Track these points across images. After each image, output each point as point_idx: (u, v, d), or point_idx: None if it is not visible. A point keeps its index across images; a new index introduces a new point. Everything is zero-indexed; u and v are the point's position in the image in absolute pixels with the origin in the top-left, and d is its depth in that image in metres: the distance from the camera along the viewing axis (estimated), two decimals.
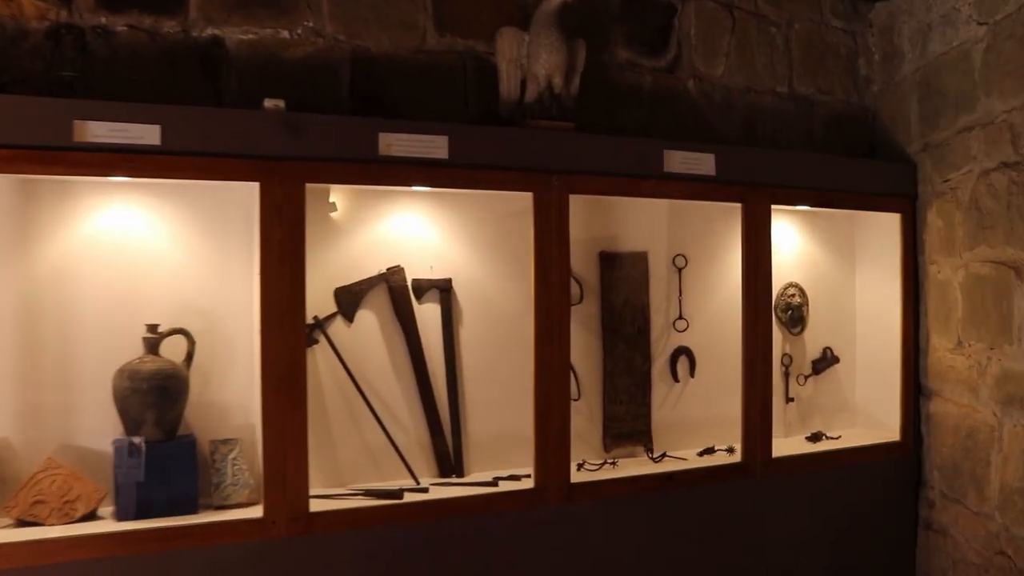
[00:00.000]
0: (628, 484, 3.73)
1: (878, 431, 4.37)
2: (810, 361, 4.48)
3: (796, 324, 4.58)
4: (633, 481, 3.74)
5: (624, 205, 4.11)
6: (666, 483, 3.79)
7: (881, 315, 4.37)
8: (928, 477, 4.39)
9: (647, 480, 3.76)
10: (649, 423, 4.16)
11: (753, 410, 3.95)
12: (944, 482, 4.25)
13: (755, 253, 3.96)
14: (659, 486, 3.77)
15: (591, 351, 4.07)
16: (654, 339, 4.20)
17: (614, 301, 4.08)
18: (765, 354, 4.00)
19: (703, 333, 4.31)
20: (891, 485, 4.26)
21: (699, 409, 4.32)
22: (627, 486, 3.71)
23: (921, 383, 4.26)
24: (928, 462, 4.33)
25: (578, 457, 3.86)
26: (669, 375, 4.26)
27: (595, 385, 4.07)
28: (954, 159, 4.11)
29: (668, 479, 3.80)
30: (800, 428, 4.59)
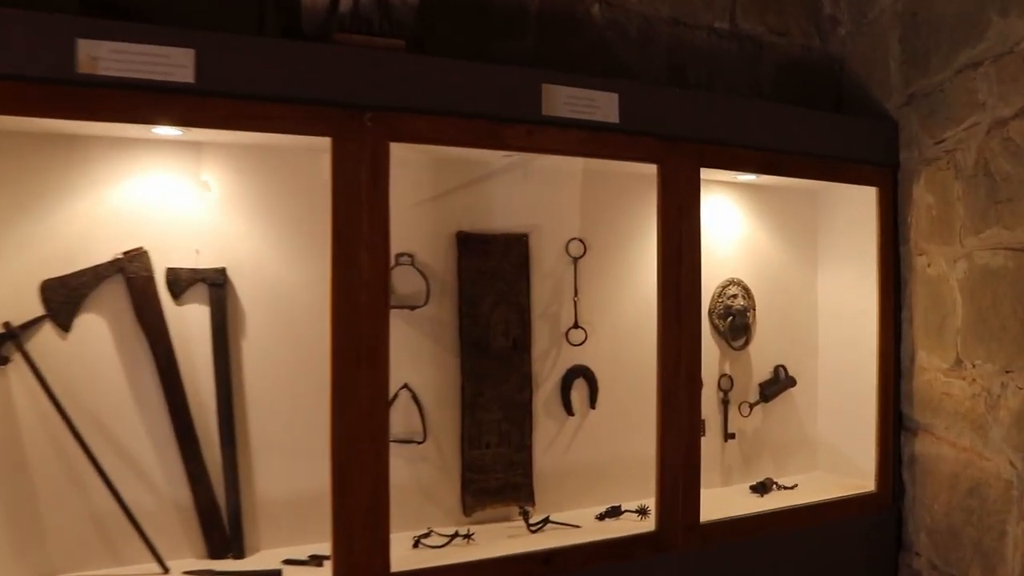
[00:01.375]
0: (482, 573, 2.46)
1: (846, 477, 3.50)
2: (757, 384, 3.59)
3: (739, 335, 3.40)
4: (492, 567, 2.49)
5: (495, 167, 2.93)
6: (542, 568, 2.53)
7: (851, 323, 3.50)
8: (912, 540, 3.36)
9: (514, 565, 2.53)
10: (529, 474, 2.99)
11: (673, 456, 2.81)
12: (936, 551, 3.20)
13: (678, 236, 2.78)
14: (533, 574, 2.51)
15: (444, 373, 2.94)
16: (538, 356, 3.03)
17: (479, 303, 2.93)
18: (692, 376, 2.85)
19: (609, 348, 3.21)
20: (863, 550, 3.35)
21: (601, 453, 3.23)
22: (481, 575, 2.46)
23: (903, 414, 3.39)
24: (913, 520, 3.36)
25: (420, 525, 2.80)
26: (559, 406, 3.10)
27: (449, 422, 2.94)
28: (952, 110, 3.03)
29: (544, 562, 2.56)
30: (743, 474, 3.53)
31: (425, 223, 2.88)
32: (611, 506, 3.07)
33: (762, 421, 3.57)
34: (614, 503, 3.09)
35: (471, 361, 2.93)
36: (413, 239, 2.84)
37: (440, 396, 2.92)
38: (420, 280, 2.83)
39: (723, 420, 3.44)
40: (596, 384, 3.15)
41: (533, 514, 2.94)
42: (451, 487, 2.94)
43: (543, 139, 2.64)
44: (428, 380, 2.89)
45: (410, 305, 2.82)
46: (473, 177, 2.97)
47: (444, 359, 2.92)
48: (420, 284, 2.83)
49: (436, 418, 2.91)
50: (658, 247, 2.81)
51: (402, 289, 2.82)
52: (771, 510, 3.13)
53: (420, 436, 2.85)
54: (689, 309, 2.87)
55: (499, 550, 2.67)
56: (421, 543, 2.69)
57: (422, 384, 2.86)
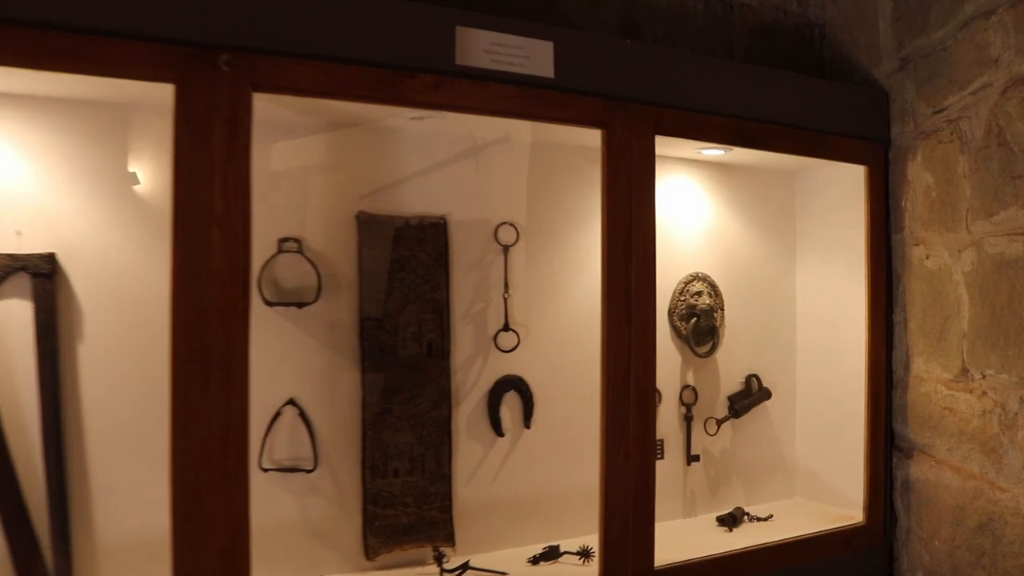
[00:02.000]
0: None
1: (829, 504, 3.08)
2: (726, 397, 3.09)
3: (704, 339, 2.90)
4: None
5: (407, 133, 2.43)
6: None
7: (835, 326, 3.08)
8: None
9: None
10: (448, 508, 2.48)
11: (621, 487, 2.32)
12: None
13: (628, 218, 2.27)
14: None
15: (341, 386, 2.42)
16: (459, 365, 2.52)
17: (385, 300, 2.43)
18: (645, 390, 2.34)
19: (547, 355, 2.71)
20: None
21: (537, 482, 2.71)
22: None
23: (895, 432, 2.90)
24: (907, 557, 2.87)
25: (310, 572, 2.31)
26: (486, 425, 2.59)
27: (347, 445, 2.42)
28: (956, 72, 2.58)
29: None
30: (709, 503, 3.04)
31: (318, 202, 2.34)
32: (548, 546, 2.54)
33: (731, 440, 3.05)
34: (552, 542, 2.57)
35: (375, 371, 2.40)
36: (302, 221, 2.31)
37: (336, 414, 2.40)
38: (310, 271, 2.28)
39: (685, 440, 2.92)
40: (531, 398, 2.61)
41: (451, 557, 2.41)
42: (350, 525, 2.41)
43: (456, 94, 2.10)
44: (321, 394, 2.36)
45: (297, 302, 2.27)
46: (379, 145, 2.42)
47: (341, 368, 2.39)
48: (310, 276, 2.28)
49: (331, 441, 2.38)
50: (603, 232, 2.29)
51: (287, 282, 2.28)
52: (741, 550, 2.61)
53: (309, 463, 2.31)
54: (642, 308, 2.34)
55: None
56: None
57: (313, 399, 2.33)
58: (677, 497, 2.94)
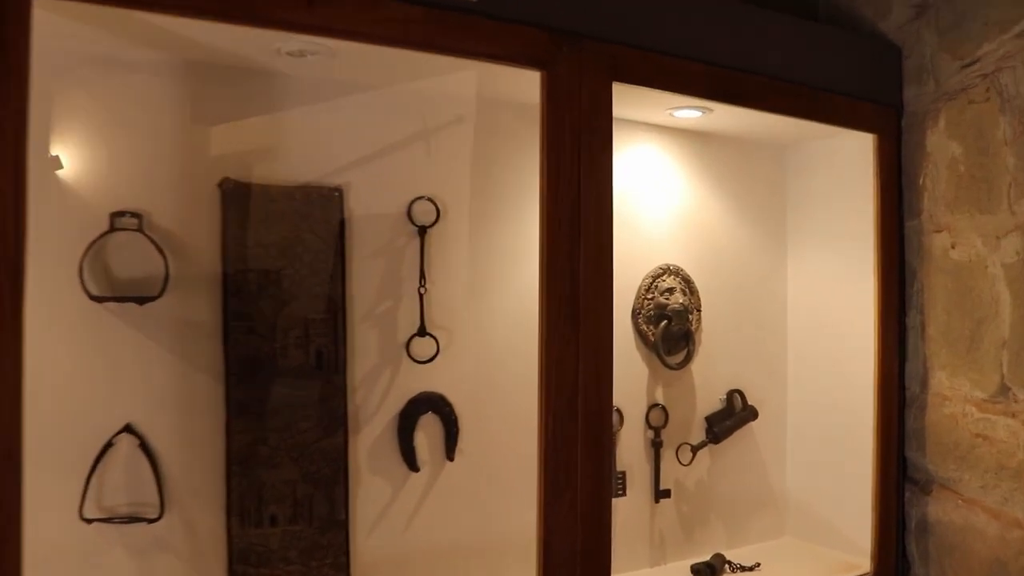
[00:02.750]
0: None
1: (826, 547, 2.56)
2: (703, 418, 2.53)
3: (677, 347, 2.42)
4: None
5: (287, 79, 1.91)
6: None
7: (835, 331, 2.59)
8: None
9: None
10: (346, 564, 1.91)
11: (565, 541, 1.79)
12: None
13: (575, 189, 1.76)
14: None
15: (197, 407, 1.84)
16: (360, 380, 1.97)
17: (259, 295, 1.87)
18: (599, 413, 1.81)
19: (475, 366, 2.15)
20: None
21: (465, 527, 2.15)
22: None
23: (908, 460, 2.38)
24: None
25: None
26: (396, 457, 2.03)
27: (207, 485, 1.86)
28: (993, 11, 2.07)
29: None
30: (682, 548, 2.50)
31: (167, 165, 1.76)
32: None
33: (709, 471, 2.52)
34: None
35: (245, 388, 1.84)
36: (144, 190, 1.73)
37: (191, 444, 1.84)
38: (155, 256, 1.70)
39: (653, 471, 2.40)
40: (455, 423, 2.05)
41: None
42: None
43: (336, 14, 1.53)
44: (169, 419, 1.81)
45: (137, 296, 1.69)
46: (250, 90, 1.84)
47: (198, 385, 1.82)
48: (155, 263, 1.70)
49: (184, 480, 1.82)
50: (542, 206, 1.71)
51: (123, 270, 1.73)
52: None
53: (154, 510, 1.73)
54: (595, 308, 1.80)
55: None
56: None
57: (159, 425, 1.78)
58: (642, 541, 2.41)
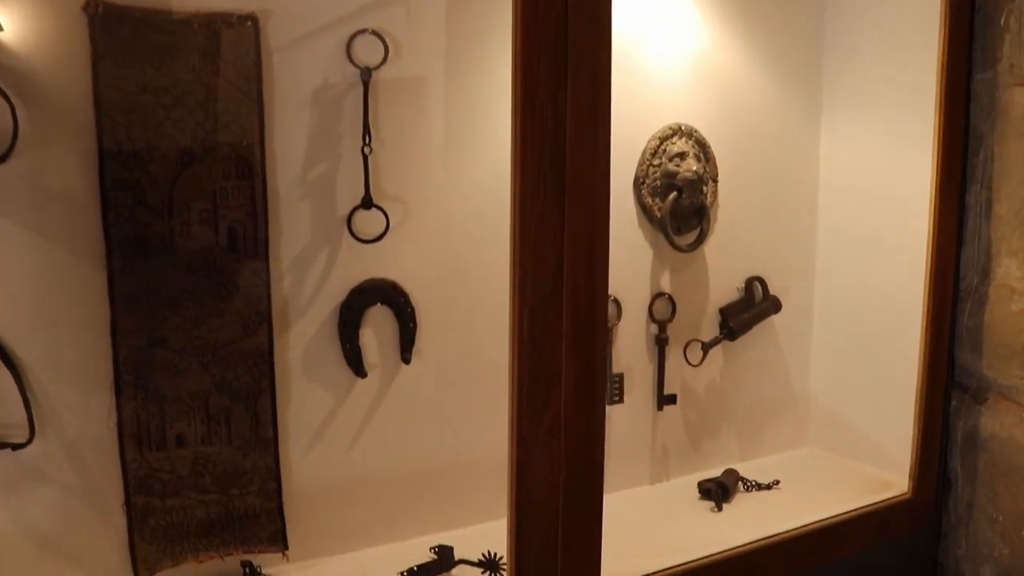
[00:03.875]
0: None
1: (854, 459, 2.24)
2: (716, 311, 2.14)
3: (688, 224, 2.07)
4: None
5: None
6: None
7: (876, 208, 2.19)
8: (961, 572, 2.04)
9: None
10: (276, 491, 1.59)
11: (545, 470, 1.38)
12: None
13: (563, 14, 1.27)
14: None
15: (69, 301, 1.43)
16: (289, 264, 1.59)
17: (151, 155, 1.44)
18: (590, 305, 1.39)
19: (436, 246, 1.75)
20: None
21: (423, 445, 1.78)
22: None
23: (958, 363, 2.02)
24: (966, 541, 2.02)
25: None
26: (337, 360, 1.66)
27: (91, 400, 1.46)
28: None
29: None
30: (689, 462, 2.16)
31: None
32: (436, 548, 1.59)
33: (723, 372, 2.17)
34: (443, 540, 1.62)
35: (133, 276, 1.43)
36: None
37: (65, 348, 1.44)
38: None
39: (656, 373, 2.03)
40: (412, 317, 1.66)
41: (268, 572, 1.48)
42: (105, 528, 1.47)
43: None
44: (33, 317, 1.41)
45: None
46: None
47: (70, 272, 1.42)
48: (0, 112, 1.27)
49: (59, 395, 1.44)
50: (515, 27, 1.26)
51: None
52: (731, 552, 1.69)
53: (22, 432, 1.34)
54: (586, 172, 1.37)
55: None
56: None
57: (19, 326, 1.39)
58: (642, 455, 2.06)
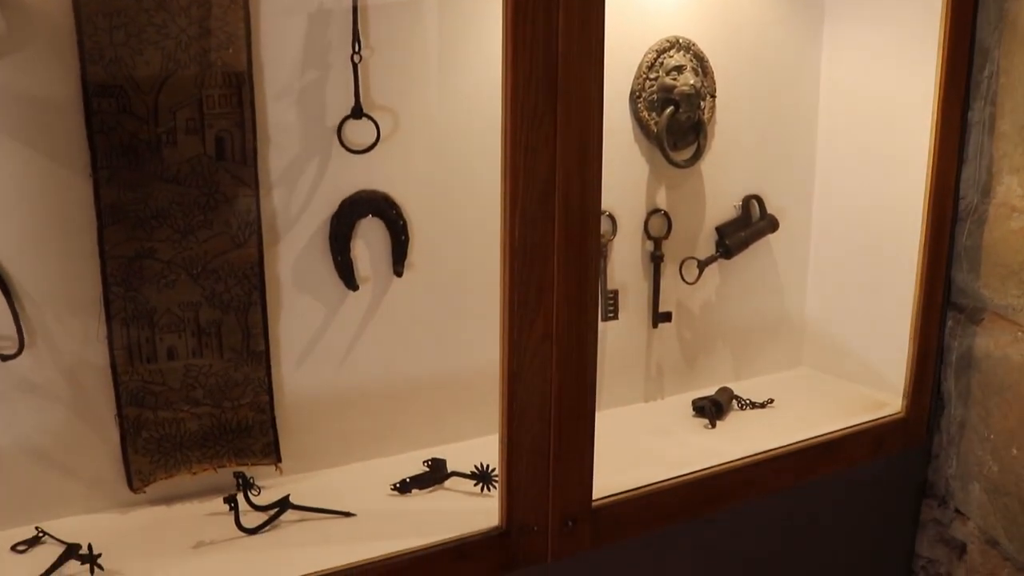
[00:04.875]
0: None
1: (847, 380, 2.21)
2: (712, 229, 2.08)
3: (685, 140, 1.99)
4: None
5: None
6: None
7: (876, 125, 2.10)
8: (950, 491, 2.06)
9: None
10: (268, 404, 1.59)
11: (537, 381, 1.39)
12: (1004, 522, 1.90)
13: None
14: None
15: (53, 210, 1.40)
16: (278, 175, 1.56)
17: (135, 61, 1.39)
18: (583, 215, 1.38)
19: (429, 157, 1.69)
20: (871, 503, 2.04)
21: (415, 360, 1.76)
22: None
23: (954, 283, 1.99)
24: (957, 460, 2.03)
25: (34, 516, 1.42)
26: (329, 272, 1.63)
27: (80, 310, 1.45)
28: None
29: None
30: (684, 380, 2.13)
31: None
32: (429, 461, 1.59)
33: (718, 290, 2.12)
34: (435, 454, 1.63)
35: (120, 187, 1.40)
36: None
37: (53, 259, 1.41)
38: None
39: (652, 290, 2.00)
40: (404, 229, 1.63)
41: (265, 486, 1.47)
42: (99, 439, 1.46)
43: None
44: (19, 227, 1.38)
45: None
46: None
47: (54, 181, 1.38)
48: None
49: (48, 306, 1.41)
50: None
51: None
52: (726, 466, 1.69)
53: (11, 344, 1.32)
54: (579, 81, 1.32)
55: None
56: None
57: (9, 238, 1.36)
58: (636, 373, 2.03)
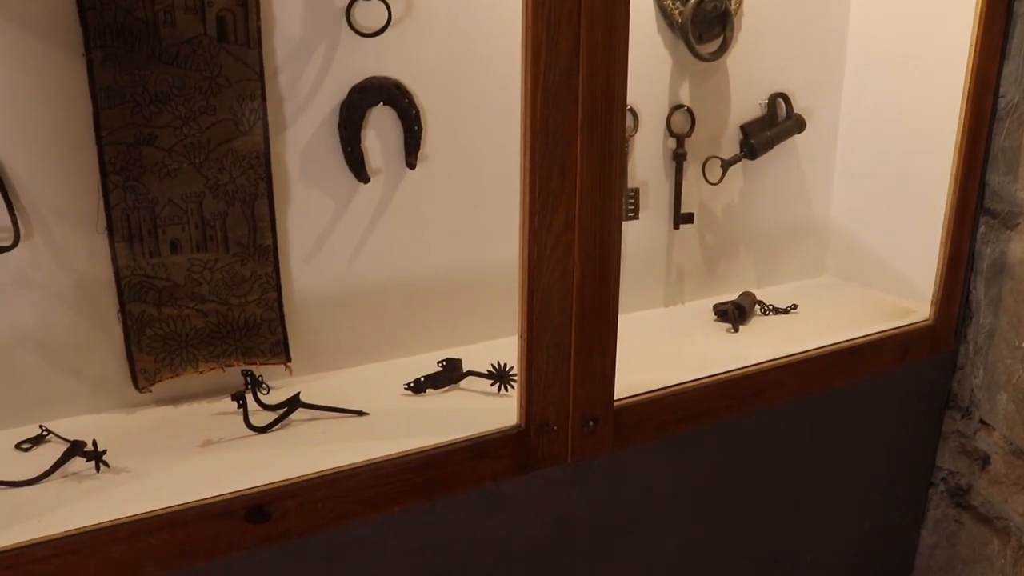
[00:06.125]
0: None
1: (873, 288, 2.13)
2: (737, 127, 1.98)
3: (711, 32, 1.88)
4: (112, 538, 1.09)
5: None
6: (247, 530, 1.06)
7: (914, 19, 1.95)
8: (975, 400, 2.00)
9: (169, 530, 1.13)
10: (276, 300, 1.52)
11: (557, 276, 1.31)
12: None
13: None
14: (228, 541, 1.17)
15: (46, 93, 1.31)
16: (284, 58, 1.46)
17: None
18: (608, 101, 1.28)
19: (443, 39, 1.58)
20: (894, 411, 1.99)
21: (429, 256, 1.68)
22: None
23: (989, 187, 1.89)
24: (984, 369, 1.96)
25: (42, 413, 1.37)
26: (339, 163, 1.55)
27: (78, 199, 1.36)
28: None
29: (252, 517, 1.09)
30: (704, 284, 2.06)
31: None
32: (444, 360, 1.53)
33: (742, 192, 2.03)
34: (451, 354, 1.56)
35: (117, 68, 1.32)
36: None
37: (47, 146, 1.33)
38: None
39: (673, 190, 1.90)
40: (417, 119, 1.54)
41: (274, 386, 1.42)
42: (102, 336, 1.40)
43: None
44: (11, 112, 1.29)
45: None
46: None
47: (45, 62, 1.29)
48: None
49: (44, 196, 1.34)
50: None
51: None
52: (750, 369, 1.61)
53: (6, 235, 1.27)
54: None
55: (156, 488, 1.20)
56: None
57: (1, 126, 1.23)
58: (656, 276, 1.96)
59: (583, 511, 1.56)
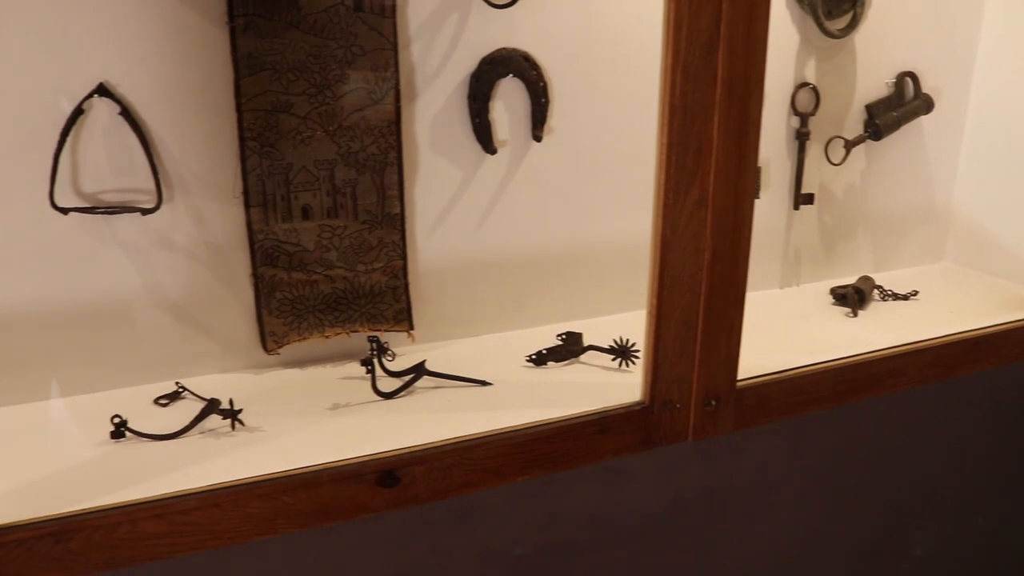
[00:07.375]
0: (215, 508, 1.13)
1: (993, 275, 2.05)
2: (862, 107, 1.89)
3: (840, 8, 1.83)
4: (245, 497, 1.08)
5: None
6: (378, 494, 1.06)
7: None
8: None
9: (303, 492, 1.13)
10: (402, 269, 1.55)
11: (688, 252, 1.30)
12: None
13: None
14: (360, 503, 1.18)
15: (190, 59, 1.34)
16: (417, 28, 1.51)
17: None
18: (746, 79, 1.25)
19: (574, 12, 1.57)
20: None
21: (553, 229, 1.69)
22: None
23: None
24: None
25: (174, 371, 1.41)
26: (467, 134, 1.56)
27: (216, 164, 1.40)
28: None
29: (383, 482, 1.08)
30: (821, 267, 2.02)
31: None
32: (564, 334, 1.53)
33: (864, 174, 1.97)
34: (571, 328, 1.56)
35: (257, 36, 1.34)
36: None
37: (190, 112, 1.37)
38: None
39: (795, 169, 1.86)
40: (544, 91, 1.54)
41: (398, 353, 1.44)
42: (234, 298, 1.44)
43: None
44: (158, 79, 1.33)
45: None
46: None
47: (190, 29, 1.33)
48: None
49: (184, 159, 1.38)
50: None
51: None
52: (873, 355, 1.57)
53: (149, 197, 1.30)
54: None
55: (290, 449, 1.23)
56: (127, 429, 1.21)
57: (144, 88, 1.32)
58: (773, 257, 1.93)
59: (700, 489, 1.55)
